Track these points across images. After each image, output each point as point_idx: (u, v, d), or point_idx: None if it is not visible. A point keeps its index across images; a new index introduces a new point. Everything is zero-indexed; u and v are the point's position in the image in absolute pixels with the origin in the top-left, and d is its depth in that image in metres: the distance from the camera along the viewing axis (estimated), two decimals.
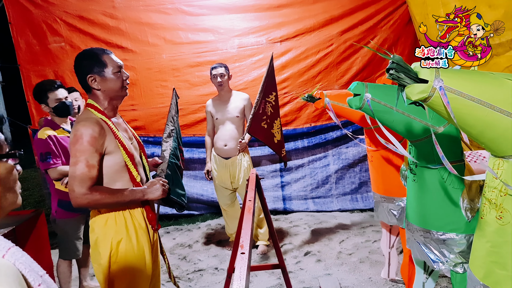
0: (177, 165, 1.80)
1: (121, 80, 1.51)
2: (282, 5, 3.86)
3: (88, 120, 1.41)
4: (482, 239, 1.07)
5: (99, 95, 1.50)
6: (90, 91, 1.50)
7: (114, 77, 1.48)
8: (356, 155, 3.98)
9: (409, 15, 3.65)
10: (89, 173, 1.36)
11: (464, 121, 0.96)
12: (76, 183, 1.35)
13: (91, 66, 1.46)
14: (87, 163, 1.36)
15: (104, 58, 1.47)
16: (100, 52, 1.48)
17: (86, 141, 1.36)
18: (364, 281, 2.47)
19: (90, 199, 1.36)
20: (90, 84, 1.47)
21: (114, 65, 1.48)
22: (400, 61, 0.96)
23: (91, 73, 1.46)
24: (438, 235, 1.46)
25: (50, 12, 3.81)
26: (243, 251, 1.12)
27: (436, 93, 0.93)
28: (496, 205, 1.02)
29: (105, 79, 1.47)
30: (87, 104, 1.50)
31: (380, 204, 2.13)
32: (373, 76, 3.89)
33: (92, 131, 1.38)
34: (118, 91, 1.51)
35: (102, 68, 1.46)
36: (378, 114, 1.41)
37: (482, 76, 0.96)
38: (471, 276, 1.12)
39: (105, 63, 1.47)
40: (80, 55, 1.49)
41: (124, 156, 1.47)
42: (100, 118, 1.46)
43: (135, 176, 1.50)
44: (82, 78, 1.47)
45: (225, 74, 2.95)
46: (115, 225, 1.46)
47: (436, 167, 1.45)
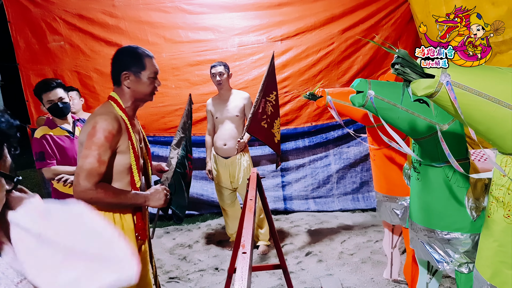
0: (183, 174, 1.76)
1: (153, 86, 1.51)
2: (283, 3, 3.84)
3: (109, 114, 1.39)
4: (489, 238, 1.05)
5: (126, 92, 1.48)
6: (119, 85, 1.49)
7: (147, 82, 1.48)
8: (357, 155, 3.96)
9: (410, 13, 3.63)
10: (98, 168, 1.33)
11: (472, 117, 0.94)
12: (83, 176, 1.32)
13: (130, 63, 1.45)
14: (99, 158, 1.34)
15: (146, 60, 1.48)
16: (143, 54, 1.48)
17: (103, 136, 1.34)
18: (366, 282, 2.44)
19: (94, 195, 1.33)
20: (121, 80, 1.46)
21: (152, 70, 1.49)
22: (405, 56, 0.93)
23: (127, 70, 1.45)
24: (442, 234, 1.44)
25: (49, 10, 3.78)
26: (244, 251, 1.10)
27: (442, 88, 0.91)
28: (504, 203, 0.99)
29: (139, 81, 1.47)
30: (110, 97, 1.49)
31: (383, 203, 2.10)
32: (375, 74, 3.87)
33: (111, 127, 1.36)
34: (146, 95, 1.51)
35: (140, 70, 1.47)
36: (381, 112, 1.39)
37: (490, 71, 0.94)
38: (478, 276, 1.09)
39: (144, 66, 1.47)
40: (124, 49, 1.49)
41: (132, 159, 1.45)
42: (120, 116, 1.44)
43: (136, 181, 1.48)
44: (117, 71, 1.47)
45: (223, 73, 2.92)
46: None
47: (441, 166, 1.42)
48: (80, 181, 1.32)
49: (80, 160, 1.35)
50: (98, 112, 1.42)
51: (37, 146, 2.20)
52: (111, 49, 3.88)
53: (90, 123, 1.39)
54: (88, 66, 3.88)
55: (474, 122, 0.95)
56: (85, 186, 1.32)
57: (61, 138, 2.26)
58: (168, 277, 2.75)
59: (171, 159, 1.71)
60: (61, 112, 2.24)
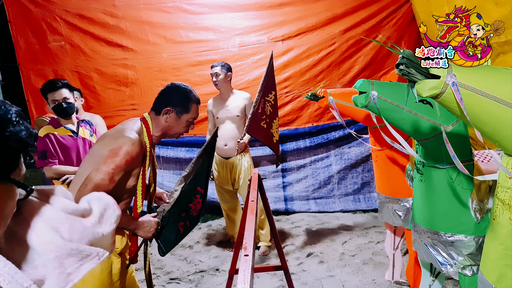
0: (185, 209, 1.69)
1: (186, 129, 1.58)
2: (284, 3, 3.83)
3: (137, 138, 1.43)
4: (495, 241, 1.03)
5: (161, 124, 1.54)
6: (157, 114, 1.54)
7: (185, 124, 1.56)
8: (358, 155, 3.94)
9: (412, 13, 3.61)
10: (107, 187, 1.35)
11: (478, 119, 0.92)
12: (89, 188, 1.32)
13: (178, 103, 1.52)
14: (112, 178, 1.36)
15: (192, 106, 1.55)
16: (193, 99, 1.55)
17: (125, 160, 1.38)
18: (368, 283, 2.43)
19: None
20: (162, 113, 1.52)
21: (193, 116, 1.56)
22: (410, 56, 0.92)
23: (172, 107, 1.51)
24: (446, 236, 1.42)
25: (50, 10, 3.78)
26: (246, 253, 1.08)
27: (448, 89, 0.89)
28: (510, 206, 0.98)
29: (177, 120, 1.54)
30: (143, 119, 1.53)
31: (385, 204, 2.09)
32: (376, 75, 3.86)
33: (135, 153, 1.41)
34: (176, 134, 1.57)
35: (183, 112, 1.53)
36: (384, 113, 1.37)
37: (496, 72, 0.92)
38: (483, 279, 1.08)
39: (189, 110, 1.54)
40: (178, 87, 1.55)
41: (139, 186, 1.50)
42: (145, 142, 1.49)
43: (138, 206, 1.53)
44: (162, 103, 1.52)
45: (219, 73, 2.90)
46: None
47: (444, 167, 1.41)
48: (85, 191, 1.33)
49: (93, 172, 1.35)
50: (127, 129, 1.44)
51: (40, 145, 2.22)
52: (112, 49, 3.88)
53: (118, 140, 1.40)
54: (89, 66, 3.88)
55: (480, 124, 0.93)
56: None
57: (65, 137, 2.27)
58: (169, 278, 2.74)
59: (174, 191, 1.66)
60: (65, 112, 2.25)
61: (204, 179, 1.74)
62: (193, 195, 1.70)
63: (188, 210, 1.70)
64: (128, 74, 3.90)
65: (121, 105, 3.91)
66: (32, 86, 3.81)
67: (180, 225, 1.68)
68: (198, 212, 1.75)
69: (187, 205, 1.68)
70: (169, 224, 1.62)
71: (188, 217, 1.71)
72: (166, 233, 1.62)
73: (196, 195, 1.73)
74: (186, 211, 1.68)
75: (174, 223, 1.63)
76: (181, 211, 1.67)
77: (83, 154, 2.34)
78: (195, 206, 1.73)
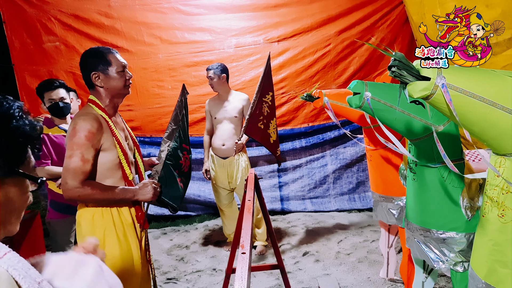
0: (176, 165, 1.76)
1: (124, 79, 1.54)
2: (279, 4, 3.86)
3: (88, 115, 1.44)
4: (484, 237, 1.07)
5: (101, 92, 1.53)
6: (93, 88, 1.53)
7: (117, 76, 1.52)
8: (353, 155, 3.98)
9: (406, 15, 3.66)
10: (83, 167, 1.38)
11: (466, 119, 0.95)
12: (69, 176, 1.37)
13: (96, 63, 1.50)
14: (82, 157, 1.38)
15: (110, 57, 1.51)
16: (106, 51, 1.52)
17: (83, 135, 1.39)
18: (363, 281, 2.46)
19: (81, 193, 1.38)
20: (93, 81, 1.51)
21: (119, 65, 1.52)
22: (402, 59, 0.95)
23: (95, 71, 1.50)
24: (438, 234, 1.46)
25: (44, 11, 3.77)
26: (243, 251, 1.11)
27: (438, 90, 0.93)
28: (498, 203, 1.01)
29: (108, 77, 1.51)
30: (89, 100, 1.53)
31: (379, 203, 2.12)
32: (371, 75, 3.90)
33: (90, 126, 1.41)
34: (120, 89, 1.54)
35: (107, 67, 1.50)
36: (378, 113, 1.40)
37: (484, 74, 0.96)
38: (473, 275, 1.11)
39: (109, 62, 1.51)
40: (87, 52, 1.53)
41: (120, 154, 1.49)
42: (100, 115, 1.49)
43: (128, 174, 1.53)
44: (86, 74, 1.51)
45: (213, 77, 2.94)
46: (102, 220, 1.47)
47: (436, 166, 1.44)
48: (67, 180, 1.37)
49: (65, 160, 1.40)
50: (78, 115, 1.48)
51: None
52: None
53: (71, 125, 1.44)
54: None
55: (469, 124, 0.96)
56: (72, 185, 1.37)
57: (58, 137, 2.27)
58: (166, 278, 2.75)
59: (161, 152, 1.72)
60: (61, 112, 2.26)
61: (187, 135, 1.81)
62: (180, 151, 1.76)
63: (180, 167, 1.76)
64: None
65: None
66: (27, 87, 3.79)
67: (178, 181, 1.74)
68: (188, 168, 1.82)
69: (178, 162, 1.74)
70: (169, 182, 1.65)
71: (181, 173, 1.78)
72: (169, 191, 1.66)
73: (183, 151, 1.79)
74: (178, 168, 1.75)
75: (172, 180, 1.68)
76: (174, 169, 1.72)
77: None
78: (184, 162, 1.79)
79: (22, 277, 0.56)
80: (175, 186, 1.71)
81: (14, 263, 0.57)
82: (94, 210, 1.47)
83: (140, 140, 3.91)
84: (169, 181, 1.68)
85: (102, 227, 1.46)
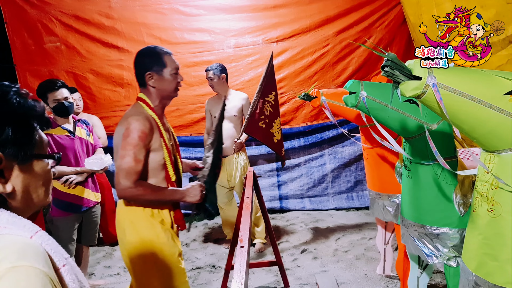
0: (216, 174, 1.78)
1: (176, 82, 1.56)
2: (278, 5, 3.89)
3: (140, 115, 1.46)
4: (474, 231, 1.10)
5: (153, 92, 1.54)
6: (144, 86, 1.55)
7: (170, 78, 1.54)
8: (352, 154, 4.02)
9: (403, 15, 3.70)
10: (135, 167, 1.40)
11: (456, 117, 0.99)
12: (122, 176, 1.39)
13: (152, 64, 1.51)
14: (135, 157, 1.41)
15: (165, 58, 1.53)
16: (162, 52, 1.54)
17: (137, 136, 1.41)
18: (360, 278, 2.50)
19: (134, 193, 1.41)
20: (146, 81, 1.52)
21: (173, 67, 1.55)
22: (394, 59, 0.99)
23: (150, 71, 1.51)
24: (432, 229, 1.50)
25: (45, 11, 3.80)
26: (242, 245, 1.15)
27: (429, 89, 0.96)
28: (488, 198, 1.05)
29: (162, 79, 1.53)
30: (139, 98, 1.55)
31: (376, 201, 2.16)
32: (369, 75, 3.93)
33: (143, 127, 1.43)
34: (171, 92, 1.57)
35: (161, 68, 1.52)
36: (373, 112, 1.44)
37: (474, 73, 0.99)
38: (464, 268, 1.15)
39: (165, 64, 1.53)
40: (143, 51, 1.55)
41: (166, 155, 1.52)
42: (150, 115, 1.50)
43: (171, 175, 1.55)
44: (140, 73, 1.53)
45: (213, 78, 2.98)
46: (144, 219, 1.49)
47: (430, 163, 1.48)
48: (120, 180, 1.39)
49: (118, 160, 1.42)
50: (129, 114, 1.49)
51: None
52: (107, 50, 3.92)
53: (123, 124, 1.45)
54: (84, 67, 3.91)
55: (459, 122, 1.00)
56: (125, 185, 1.39)
57: (62, 137, 2.30)
58: None
59: (207, 158, 1.72)
60: (67, 111, 2.28)
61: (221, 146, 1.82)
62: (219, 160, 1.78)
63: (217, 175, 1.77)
64: (123, 75, 3.93)
65: (117, 106, 3.95)
66: (28, 87, 3.83)
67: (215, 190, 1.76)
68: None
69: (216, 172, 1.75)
70: (210, 188, 1.66)
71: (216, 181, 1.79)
72: (210, 196, 1.67)
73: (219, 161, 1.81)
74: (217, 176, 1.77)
75: (213, 187, 1.70)
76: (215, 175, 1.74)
77: (80, 154, 2.37)
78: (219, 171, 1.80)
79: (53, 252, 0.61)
80: (214, 193, 1.73)
81: (45, 239, 0.62)
82: (136, 209, 1.49)
83: None
84: (211, 187, 1.69)
85: (144, 227, 1.48)
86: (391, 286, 2.36)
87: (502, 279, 1.02)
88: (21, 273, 0.47)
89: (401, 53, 3.85)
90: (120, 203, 1.55)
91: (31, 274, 0.47)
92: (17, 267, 0.47)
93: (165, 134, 1.53)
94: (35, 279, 0.47)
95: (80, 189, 2.33)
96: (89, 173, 2.38)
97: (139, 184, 1.41)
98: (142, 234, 1.49)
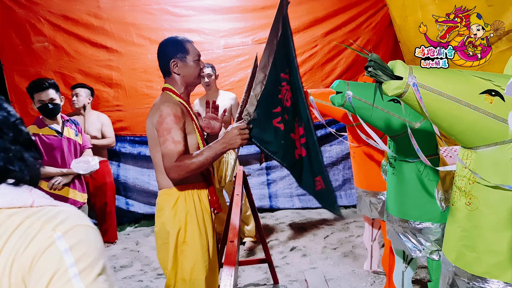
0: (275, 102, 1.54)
1: (199, 68, 1.61)
2: (267, 6, 3.93)
3: (170, 101, 1.50)
4: (454, 224, 1.16)
5: (177, 79, 1.58)
6: (169, 75, 1.59)
7: (194, 64, 1.58)
8: (339, 153, 4.08)
9: (389, 17, 3.78)
10: (175, 148, 1.43)
11: (435, 115, 1.04)
12: (166, 160, 1.43)
13: (175, 51, 1.56)
14: (173, 140, 1.43)
15: (187, 45, 1.58)
16: (184, 40, 1.59)
17: (170, 120, 1.44)
18: (347, 274, 2.55)
19: (181, 168, 1.41)
20: (171, 68, 1.56)
21: (195, 53, 1.59)
22: (377, 59, 1.03)
23: (174, 58, 1.55)
24: (415, 224, 1.55)
25: (33, 11, 3.76)
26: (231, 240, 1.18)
27: (410, 89, 1.01)
28: (465, 192, 1.10)
29: (186, 65, 1.57)
30: (165, 88, 1.59)
31: (363, 198, 2.22)
32: (357, 76, 4.00)
33: (175, 111, 1.46)
34: (195, 78, 1.61)
35: (185, 55, 1.57)
36: (359, 111, 1.49)
37: (452, 73, 1.04)
38: (445, 259, 1.20)
39: (187, 50, 1.57)
40: (166, 41, 1.60)
41: (198, 139, 1.56)
42: (179, 101, 1.54)
43: None
44: (165, 62, 1.57)
45: (212, 74, 3.00)
46: (185, 204, 1.51)
47: (413, 161, 1.54)
48: (165, 164, 1.43)
49: (161, 148, 1.45)
50: (159, 103, 1.52)
51: None
52: (96, 50, 3.89)
53: (155, 114, 1.48)
54: (72, 67, 3.88)
55: (438, 120, 1.05)
56: (169, 166, 1.42)
57: (49, 137, 2.28)
58: (157, 273, 2.79)
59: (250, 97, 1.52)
60: (51, 113, 2.27)
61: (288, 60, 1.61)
62: (278, 84, 1.55)
63: (281, 102, 1.56)
64: (112, 75, 3.92)
65: (105, 106, 3.93)
66: (16, 87, 3.78)
67: (275, 123, 1.54)
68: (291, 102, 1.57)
69: (276, 98, 1.55)
70: (262, 125, 1.51)
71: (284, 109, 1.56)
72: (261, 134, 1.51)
73: (282, 83, 1.57)
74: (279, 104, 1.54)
75: (267, 123, 1.52)
76: (272, 107, 1.53)
77: (68, 154, 2.36)
78: (284, 95, 1.56)
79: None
80: (269, 130, 1.53)
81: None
82: (178, 195, 1.51)
83: (130, 139, 3.95)
84: (262, 123, 1.52)
85: (184, 212, 1.50)
86: (377, 281, 2.42)
87: (480, 269, 1.07)
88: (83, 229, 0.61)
89: (388, 54, 3.93)
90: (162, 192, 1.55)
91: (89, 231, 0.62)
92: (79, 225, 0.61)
93: (195, 118, 1.59)
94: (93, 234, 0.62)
95: (66, 190, 2.32)
96: (75, 174, 2.37)
97: (180, 159, 1.43)
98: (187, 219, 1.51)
